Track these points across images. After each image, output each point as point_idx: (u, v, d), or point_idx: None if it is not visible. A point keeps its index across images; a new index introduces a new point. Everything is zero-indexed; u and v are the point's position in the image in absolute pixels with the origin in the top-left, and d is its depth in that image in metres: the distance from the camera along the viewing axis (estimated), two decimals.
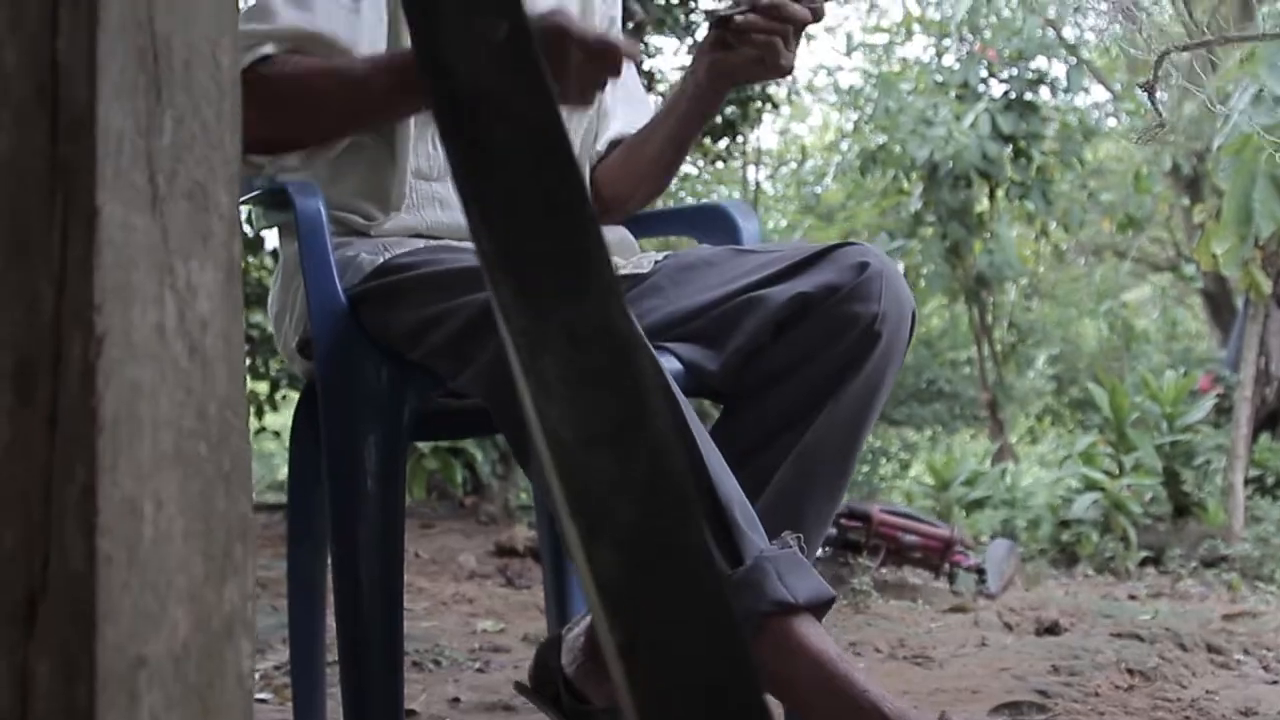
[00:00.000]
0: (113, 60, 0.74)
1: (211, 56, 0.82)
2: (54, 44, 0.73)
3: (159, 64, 0.77)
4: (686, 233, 2.20)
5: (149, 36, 0.76)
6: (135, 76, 0.76)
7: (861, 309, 1.76)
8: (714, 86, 1.87)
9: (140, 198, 0.76)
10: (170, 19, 0.78)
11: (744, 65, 1.79)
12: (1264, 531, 4.12)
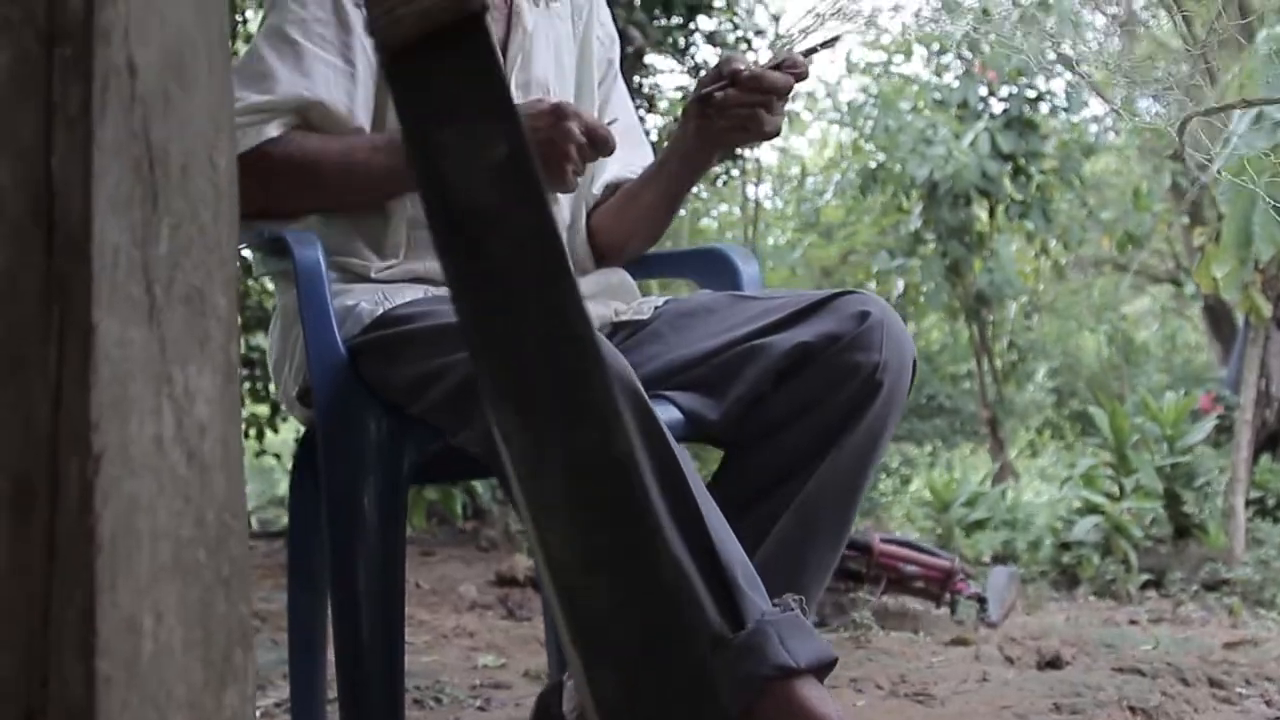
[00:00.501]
0: (109, 175, 0.74)
1: (208, 159, 0.82)
2: (49, 162, 0.72)
3: (155, 173, 0.77)
4: (687, 275, 2.19)
5: (145, 146, 0.76)
6: (132, 188, 0.75)
7: (863, 358, 1.76)
8: (703, 149, 1.87)
9: (137, 310, 0.76)
10: (166, 126, 0.78)
11: (729, 132, 1.80)
12: (1265, 555, 4.11)
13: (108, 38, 0.74)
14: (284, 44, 1.74)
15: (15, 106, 0.73)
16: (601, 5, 2.10)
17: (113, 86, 0.74)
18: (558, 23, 2.01)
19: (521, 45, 1.92)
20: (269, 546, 3.95)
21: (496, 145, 0.69)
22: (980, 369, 6.17)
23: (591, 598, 0.71)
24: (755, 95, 1.73)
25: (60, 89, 0.73)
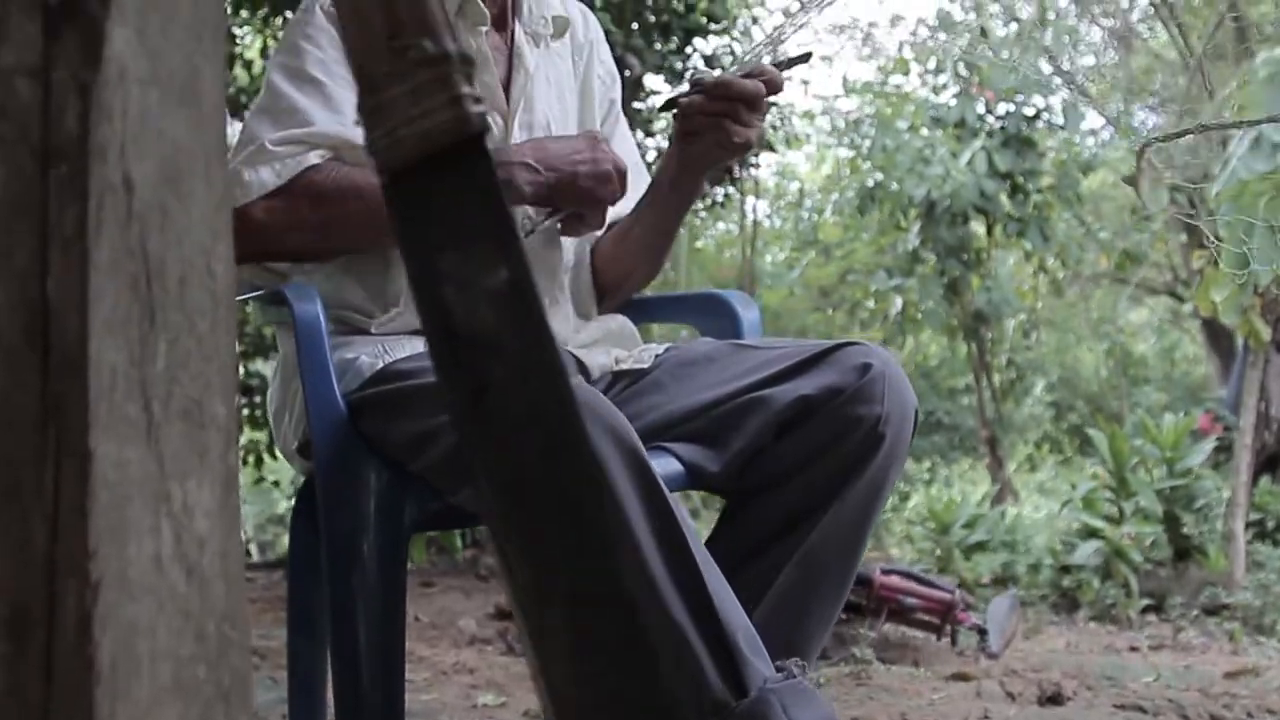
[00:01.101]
0: (105, 296, 0.73)
1: (206, 268, 0.81)
2: (44, 284, 0.71)
3: (152, 288, 0.76)
4: (687, 320, 2.19)
5: (142, 263, 0.75)
6: (129, 307, 0.75)
7: (865, 411, 1.76)
8: (687, 176, 1.87)
9: (135, 429, 0.75)
10: (164, 240, 0.77)
11: (705, 151, 1.79)
12: (1265, 579, 4.10)
13: (104, 155, 0.73)
14: (308, 83, 1.73)
15: (10, 227, 0.72)
16: (602, 44, 2.09)
17: (109, 205, 0.73)
18: (558, 62, 2.01)
19: (524, 88, 1.92)
20: (268, 578, 3.93)
21: (497, 270, 0.69)
22: (979, 387, 6.17)
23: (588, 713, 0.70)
24: (720, 103, 1.71)
25: (56, 209, 0.72)
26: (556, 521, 0.67)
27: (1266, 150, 4.11)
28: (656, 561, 1.48)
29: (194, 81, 0.80)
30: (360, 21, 0.69)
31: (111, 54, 0.73)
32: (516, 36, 1.93)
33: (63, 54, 0.72)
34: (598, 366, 1.91)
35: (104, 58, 0.73)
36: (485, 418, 0.68)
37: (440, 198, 0.68)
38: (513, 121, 1.90)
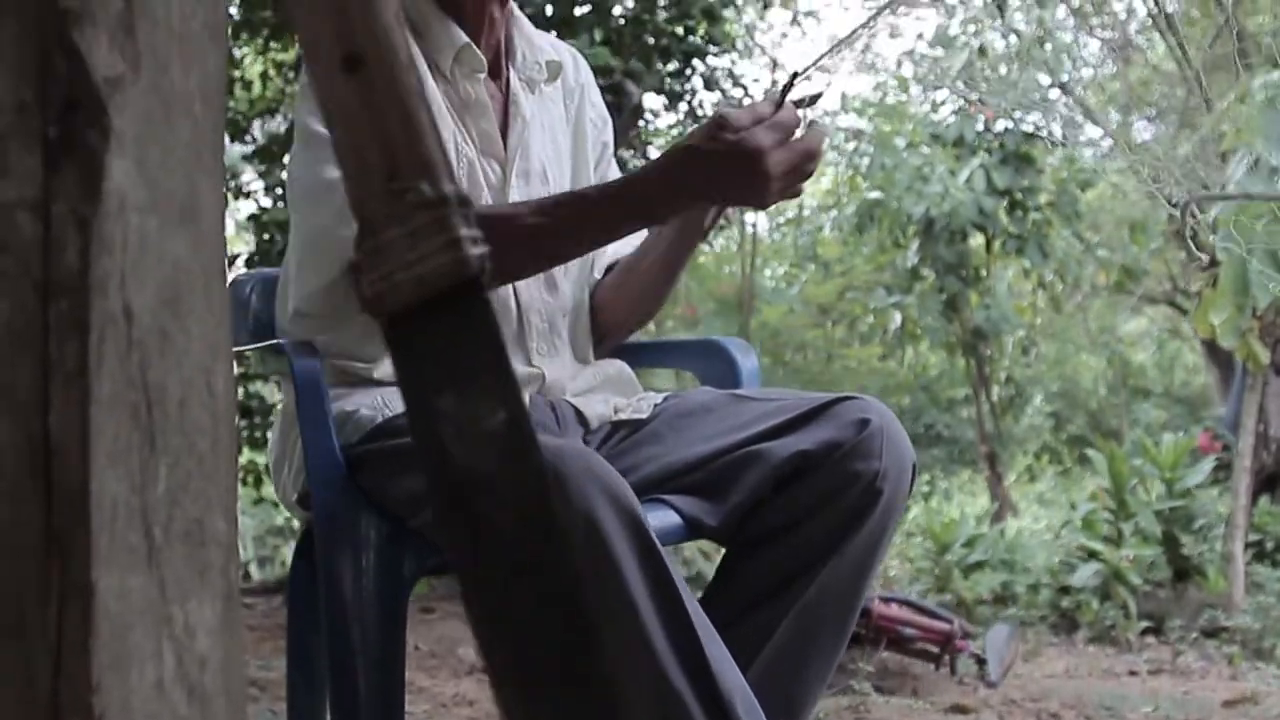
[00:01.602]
0: (106, 429, 0.73)
1: (206, 387, 0.81)
2: (46, 419, 0.72)
3: (153, 414, 0.77)
4: (685, 366, 2.20)
5: (142, 391, 0.76)
6: (129, 436, 0.75)
7: (862, 466, 1.76)
8: (695, 213, 1.86)
9: (136, 556, 0.75)
10: (163, 365, 0.78)
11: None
12: (1264, 602, 4.11)
13: (104, 288, 0.73)
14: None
15: (12, 362, 0.72)
16: (593, 87, 2.09)
17: (110, 337, 0.74)
18: (551, 107, 2.01)
19: (520, 136, 1.92)
20: (268, 604, 3.93)
21: (495, 412, 0.69)
22: (978, 404, 6.18)
23: None
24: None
25: (56, 344, 0.72)
26: (554, 666, 0.68)
27: (1265, 173, 4.11)
28: (654, 625, 1.49)
29: (193, 201, 0.80)
30: (359, 162, 0.70)
31: (111, 186, 0.74)
32: (511, 83, 1.93)
33: (62, 188, 0.73)
34: (596, 416, 1.92)
35: (104, 190, 0.74)
36: (481, 560, 0.69)
37: (438, 340, 0.69)
38: (510, 169, 1.90)
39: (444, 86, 1.86)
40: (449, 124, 1.84)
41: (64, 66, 0.73)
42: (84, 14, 0.73)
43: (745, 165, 1.57)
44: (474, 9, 1.88)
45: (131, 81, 0.75)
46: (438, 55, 1.86)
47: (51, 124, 0.72)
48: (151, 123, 0.77)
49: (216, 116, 0.83)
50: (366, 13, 0.70)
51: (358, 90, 0.69)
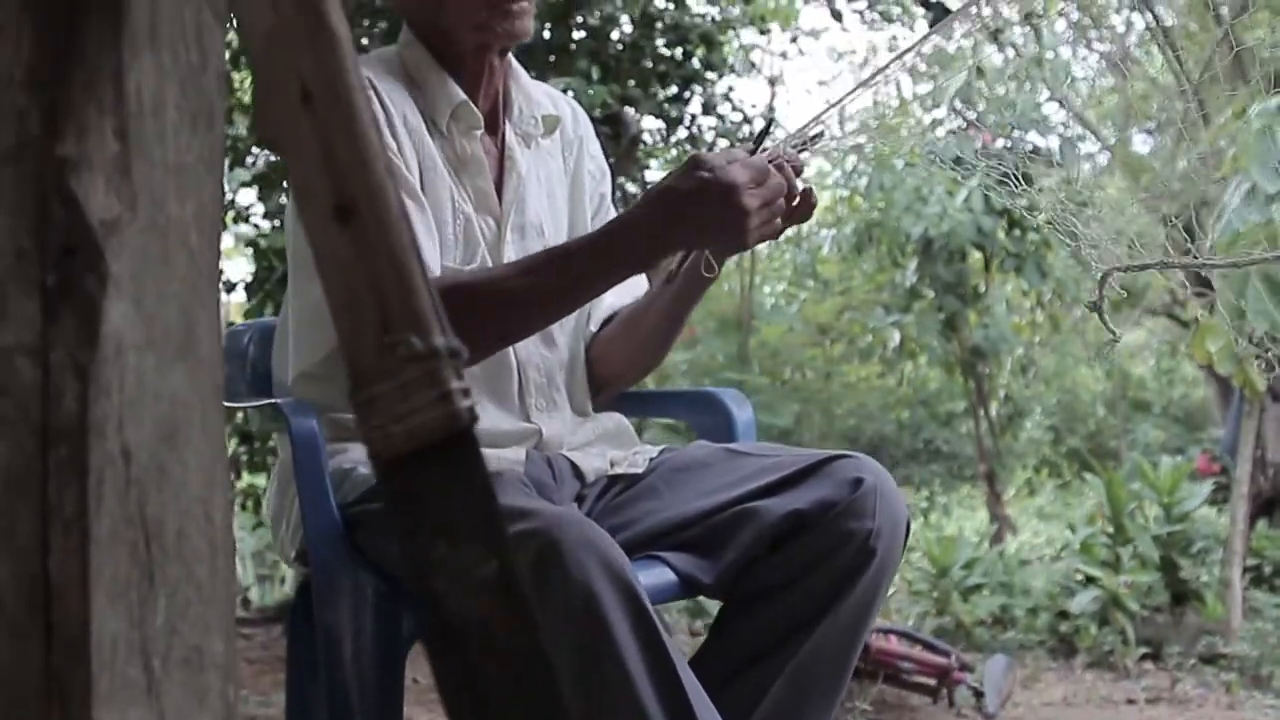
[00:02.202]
0: (105, 569, 0.75)
1: (204, 516, 0.83)
2: (46, 562, 0.73)
3: (151, 549, 0.78)
4: (681, 416, 2.21)
5: (140, 528, 0.77)
6: (128, 573, 0.76)
7: (856, 525, 1.78)
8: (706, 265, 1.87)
9: (136, 691, 0.77)
10: (161, 499, 0.79)
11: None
12: (1261, 629, 4.12)
13: (102, 432, 0.75)
14: None
15: (11, 506, 0.73)
16: (591, 138, 2.10)
17: (108, 479, 0.75)
18: (549, 160, 2.02)
19: (516, 190, 1.93)
20: (267, 635, 3.93)
21: (487, 562, 0.70)
22: (977, 423, 6.19)
23: None
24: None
25: (56, 489, 0.73)
26: None
27: (1260, 201, 4.13)
28: (648, 693, 1.50)
29: (190, 333, 0.82)
30: (351, 313, 0.71)
31: (109, 330, 0.75)
32: (507, 138, 1.94)
33: (60, 335, 0.74)
34: (592, 470, 1.93)
35: (101, 335, 0.75)
36: (475, 708, 0.70)
37: (430, 490, 0.70)
38: (505, 224, 1.92)
39: (440, 143, 1.88)
40: (445, 181, 1.86)
41: (61, 214, 0.74)
42: (80, 160, 0.75)
43: (720, 201, 1.59)
44: (473, 61, 1.89)
45: (128, 222, 0.77)
46: (435, 111, 1.87)
47: (49, 271, 0.74)
48: (148, 260, 0.78)
49: (213, 245, 0.84)
50: (358, 164, 0.71)
51: (349, 241, 0.70)
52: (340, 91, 0.71)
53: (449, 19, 1.86)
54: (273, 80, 0.71)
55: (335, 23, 0.73)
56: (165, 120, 0.79)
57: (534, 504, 1.60)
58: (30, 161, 0.74)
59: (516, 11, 1.85)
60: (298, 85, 0.71)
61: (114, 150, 0.76)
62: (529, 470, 1.84)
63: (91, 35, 0.75)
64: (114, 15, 0.76)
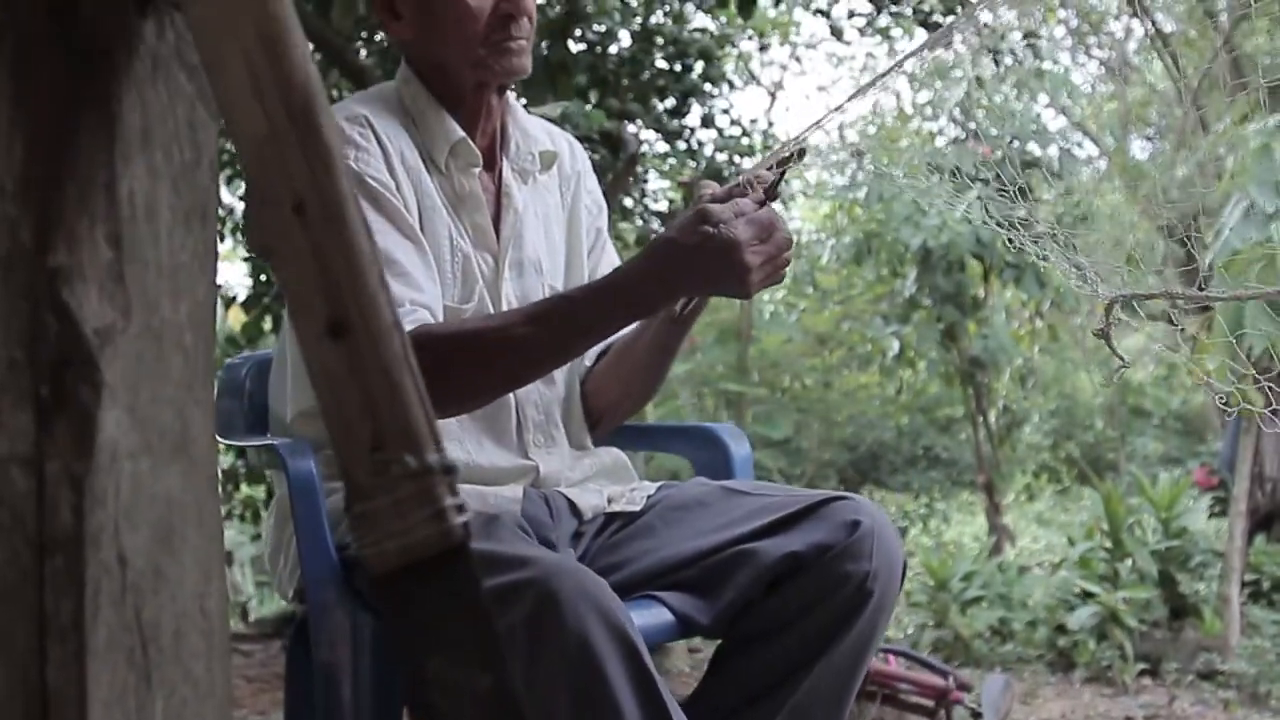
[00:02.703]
0: (102, 677, 0.75)
1: (199, 610, 0.83)
2: (43, 671, 0.74)
3: (148, 654, 0.78)
4: (678, 451, 2.21)
5: (137, 634, 0.77)
6: (125, 679, 0.77)
7: (853, 568, 1.77)
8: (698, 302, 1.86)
9: None
10: (157, 601, 0.79)
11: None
12: (1259, 646, 4.12)
13: (98, 542, 0.75)
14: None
15: (7, 615, 0.74)
16: (589, 173, 2.10)
17: (104, 588, 0.75)
18: (546, 195, 2.02)
19: (513, 227, 1.93)
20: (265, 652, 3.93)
21: (481, 676, 0.71)
22: (976, 433, 6.20)
23: None
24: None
25: (52, 599, 0.74)
26: None
27: (1259, 219, 4.13)
28: None
29: (185, 433, 0.82)
30: (345, 429, 0.71)
31: (104, 439, 0.76)
32: (504, 175, 1.94)
33: (55, 446, 0.74)
34: (590, 508, 1.93)
35: (96, 445, 0.75)
36: None
37: (424, 605, 0.71)
38: (503, 260, 1.91)
39: (438, 180, 1.87)
40: (444, 218, 1.85)
41: (54, 326, 0.74)
42: (73, 269, 0.75)
43: (725, 258, 1.59)
44: (472, 98, 1.89)
45: (122, 329, 0.77)
46: (433, 148, 1.86)
47: (43, 383, 0.74)
48: (143, 365, 0.79)
49: (207, 342, 0.85)
50: (351, 277, 0.71)
51: (343, 356, 0.70)
52: (333, 204, 0.71)
53: (449, 56, 1.86)
54: (265, 190, 0.71)
55: (327, 133, 0.73)
56: (159, 222, 0.80)
57: (531, 552, 1.60)
58: (22, 272, 0.74)
59: (515, 49, 1.84)
60: (291, 197, 0.71)
61: (107, 258, 0.76)
62: (526, 508, 1.84)
63: (83, 144, 0.75)
64: (106, 122, 0.76)
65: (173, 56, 0.80)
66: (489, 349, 1.67)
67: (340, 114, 1.81)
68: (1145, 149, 9.07)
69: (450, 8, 1.83)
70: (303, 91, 0.73)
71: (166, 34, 0.80)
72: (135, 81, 0.78)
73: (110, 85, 0.76)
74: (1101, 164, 8.35)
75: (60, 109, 0.74)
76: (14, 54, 0.73)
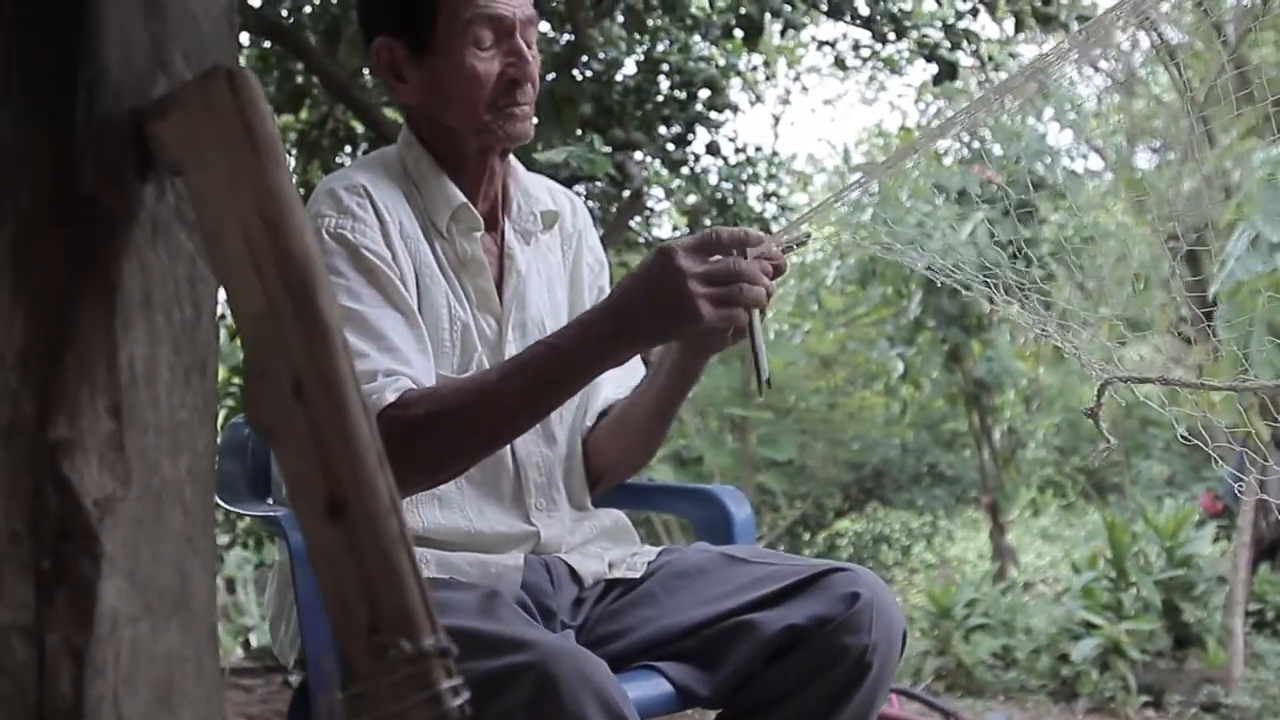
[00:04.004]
0: None
1: None
2: None
3: None
4: (679, 512, 2.21)
5: None
6: None
7: (852, 641, 1.77)
8: (691, 360, 1.86)
9: None
10: None
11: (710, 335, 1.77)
12: (1263, 679, 4.12)
13: (98, 711, 0.76)
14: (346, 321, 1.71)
15: None
16: (590, 231, 2.10)
17: None
18: (548, 255, 2.02)
19: (516, 289, 1.93)
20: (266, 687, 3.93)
21: None
22: (980, 454, 6.20)
23: None
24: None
25: None
26: None
27: (1264, 250, 4.14)
28: None
29: (184, 588, 0.83)
30: (343, 610, 0.72)
31: (104, 610, 0.76)
32: (507, 236, 1.94)
33: (55, 617, 0.75)
34: (590, 574, 1.93)
35: (96, 615, 0.76)
36: None
37: None
38: (507, 322, 1.91)
39: (441, 244, 1.87)
40: (442, 285, 1.85)
41: (55, 500, 0.75)
42: (74, 441, 0.76)
43: (674, 285, 1.57)
44: (475, 162, 1.89)
45: (121, 497, 0.77)
46: (435, 213, 1.87)
47: (44, 556, 0.74)
48: (142, 527, 0.79)
49: (206, 492, 0.85)
50: (349, 458, 0.71)
51: (340, 536, 0.71)
52: (332, 383, 0.72)
53: (453, 121, 1.86)
54: (264, 368, 0.72)
55: (326, 310, 0.73)
56: (158, 383, 0.80)
57: (530, 634, 1.60)
58: (24, 444, 0.75)
59: (520, 115, 1.85)
60: (289, 375, 0.72)
61: (108, 428, 0.77)
62: (527, 576, 1.84)
63: (84, 315, 0.76)
64: (107, 292, 0.77)
65: (173, 217, 0.81)
66: (473, 408, 1.68)
67: (339, 183, 1.82)
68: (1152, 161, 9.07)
69: (456, 73, 1.83)
70: (301, 267, 0.73)
71: (167, 195, 0.81)
72: (136, 247, 0.78)
73: (111, 254, 0.77)
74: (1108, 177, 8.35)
75: (61, 282, 0.75)
76: (15, 230, 0.74)
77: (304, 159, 4.42)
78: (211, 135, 0.75)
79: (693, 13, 4.28)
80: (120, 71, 0.78)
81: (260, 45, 4.36)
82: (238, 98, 0.75)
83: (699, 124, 4.58)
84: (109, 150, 0.77)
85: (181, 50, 0.81)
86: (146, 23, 0.79)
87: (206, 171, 0.75)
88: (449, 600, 1.72)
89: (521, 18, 1.82)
